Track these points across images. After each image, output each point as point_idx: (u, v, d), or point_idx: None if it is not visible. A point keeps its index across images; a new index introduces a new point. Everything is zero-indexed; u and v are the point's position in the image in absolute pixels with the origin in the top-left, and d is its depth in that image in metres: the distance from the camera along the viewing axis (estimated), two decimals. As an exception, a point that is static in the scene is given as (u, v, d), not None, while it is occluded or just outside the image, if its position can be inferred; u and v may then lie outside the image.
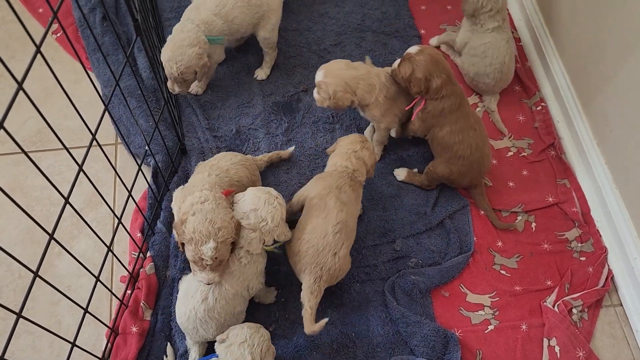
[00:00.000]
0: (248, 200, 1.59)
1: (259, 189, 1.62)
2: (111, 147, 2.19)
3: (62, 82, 2.34)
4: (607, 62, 1.95)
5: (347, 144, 1.82)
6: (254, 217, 1.57)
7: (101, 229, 2.01)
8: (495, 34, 2.16)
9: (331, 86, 1.87)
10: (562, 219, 2.07)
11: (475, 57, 2.21)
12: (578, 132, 2.14)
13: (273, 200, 1.60)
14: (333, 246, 1.63)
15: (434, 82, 1.82)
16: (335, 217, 1.65)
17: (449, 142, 1.92)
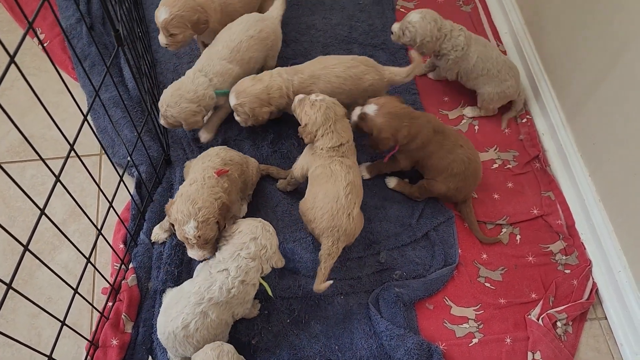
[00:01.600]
0: (245, 231, 1.59)
1: (251, 220, 1.63)
2: (96, 158, 2.17)
3: (48, 91, 2.35)
4: (591, 76, 1.97)
5: (324, 124, 1.79)
6: (255, 245, 1.57)
7: (84, 239, 2.00)
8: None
9: (246, 105, 1.90)
10: (546, 231, 2.07)
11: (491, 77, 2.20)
12: (562, 145, 2.14)
13: (268, 227, 1.62)
14: (346, 207, 1.73)
15: (400, 134, 1.85)
16: (344, 179, 1.74)
17: (441, 165, 1.93)
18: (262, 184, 2.09)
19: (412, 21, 2.10)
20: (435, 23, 2.11)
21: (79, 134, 1.43)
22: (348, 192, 1.74)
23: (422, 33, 2.10)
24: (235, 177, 1.82)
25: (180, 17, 1.97)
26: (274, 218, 2.03)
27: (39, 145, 2.18)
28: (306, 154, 1.90)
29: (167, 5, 1.98)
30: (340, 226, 1.73)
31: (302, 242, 1.98)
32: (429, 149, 1.92)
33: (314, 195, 1.79)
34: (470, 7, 2.66)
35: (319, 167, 1.82)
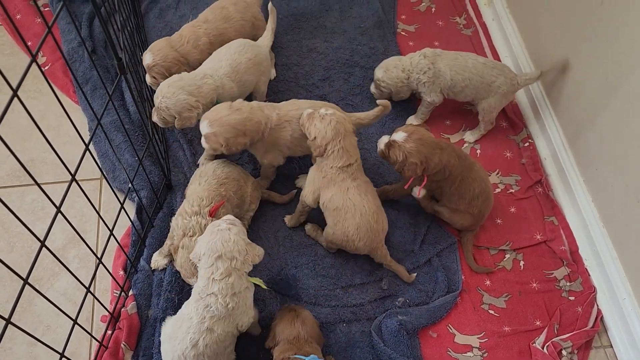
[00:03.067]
0: (207, 252, 1.49)
1: (206, 233, 1.54)
2: (96, 182, 2.16)
3: (49, 115, 2.34)
4: (591, 102, 1.97)
5: (334, 140, 1.77)
6: (222, 263, 1.49)
7: (83, 265, 1.98)
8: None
9: (221, 136, 1.80)
10: (550, 257, 2.05)
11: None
12: (565, 170, 2.14)
13: (227, 235, 1.50)
14: (379, 227, 1.83)
15: (432, 162, 1.81)
16: (368, 209, 1.80)
17: (463, 188, 1.92)
18: (262, 208, 2.07)
19: (380, 78, 2.23)
20: (396, 68, 2.18)
21: (81, 163, 1.41)
22: (376, 218, 1.82)
23: (392, 83, 2.20)
24: (230, 195, 1.83)
25: (161, 66, 2.05)
26: (275, 244, 2.01)
27: (39, 169, 2.18)
28: (315, 178, 1.86)
29: (152, 52, 2.05)
30: (380, 240, 1.88)
31: (303, 268, 1.96)
32: (452, 177, 1.90)
33: (343, 230, 1.82)
34: (470, 30, 2.67)
35: (335, 197, 1.81)
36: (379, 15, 2.68)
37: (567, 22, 2.08)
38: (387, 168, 2.21)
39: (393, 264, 1.92)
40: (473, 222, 1.99)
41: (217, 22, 2.19)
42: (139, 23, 2.43)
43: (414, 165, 1.81)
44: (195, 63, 2.12)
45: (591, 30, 1.93)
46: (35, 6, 2.60)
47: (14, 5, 2.59)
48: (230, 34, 2.21)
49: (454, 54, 2.18)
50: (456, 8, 2.75)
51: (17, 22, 2.54)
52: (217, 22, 2.19)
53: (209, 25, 2.17)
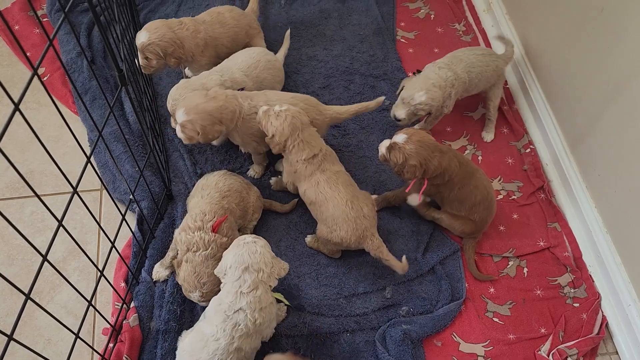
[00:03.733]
0: (234, 264, 1.51)
1: (234, 247, 1.55)
2: (96, 193, 2.15)
3: (48, 125, 2.33)
4: (592, 108, 1.97)
5: (292, 135, 1.80)
6: (250, 275, 1.50)
7: (84, 277, 1.96)
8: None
9: (197, 122, 1.80)
10: (554, 263, 2.04)
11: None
12: (567, 175, 2.13)
13: (253, 245, 1.53)
14: (358, 214, 1.79)
15: (431, 164, 1.80)
16: (340, 199, 1.79)
17: (464, 195, 1.91)
18: (264, 218, 2.06)
19: (423, 102, 2.06)
20: (435, 86, 2.07)
21: (82, 176, 1.40)
22: (351, 206, 1.79)
23: (436, 104, 2.07)
24: (232, 207, 1.82)
25: (156, 45, 2.02)
26: (277, 253, 1.99)
27: (39, 180, 2.16)
28: (288, 171, 1.92)
29: (148, 30, 2.03)
30: (366, 227, 1.81)
31: (306, 277, 1.95)
32: (452, 182, 1.90)
33: (324, 222, 1.85)
34: (470, 37, 2.67)
35: (308, 191, 1.86)
36: (379, 22, 2.68)
37: (567, 28, 2.08)
38: (389, 176, 2.20)
39: (390, 258, 1.83)
40: (474, 228, 1.98)
41: (213, 25, 2.20)
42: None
43: (413, 168, 1.80)
44: (189, 53, 2.11)
45: (592, 37, 1.93)
46: (33, 16, 2.59)
47: (12, 16, 2.59)
48: (224, 39, 2.23)
49: (456, 54, 2.20)
50: (455, 15, 2.75)
51: (15, 32, 2.53)
52: (213, 24, 2.20)
53: (206, 27, 2.18)
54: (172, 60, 2.07)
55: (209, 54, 2.20)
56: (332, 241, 1.86)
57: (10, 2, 2.63)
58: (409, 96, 2.08)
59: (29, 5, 1.02)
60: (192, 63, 2.19)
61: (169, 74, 2.44)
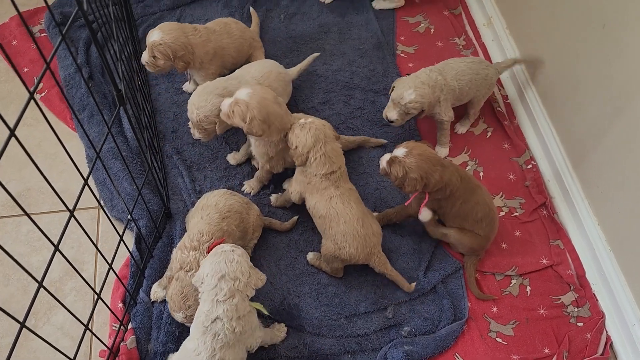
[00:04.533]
0: (210, 273, 1.48)
1: (210, 255, 1.53)
2: (94, 211, 2.12)
3: (46, 142, 2.31)
4: (594, 124, 1.95)
5: (314, 147, 1.79)
6: (226, 284, 1.47)
7: (81, 298, 1.93)
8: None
9: (253, 111, 1.78)
10: (557, 282, 2.02)
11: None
12: (569, 192, 2.11)
13: (231, 256, 1.50)
14: (367, 231, 1.81)
15: (432, 178, 1.78)
16: (352, 216, 1.79)
17: (466, 210, 1.90)
18: (264, 236, 2.03)
19: (413, 100, 2.04)
20: (423, 84, 2.07)
21: (79, 198, 1.37)
22: (362, 223, 1.80)
23: (426, 101, 2.06)
24: (232, 229, 1.79)
25: (168, 47, 2.03)
26: (277, 272, 1.98)
27: (36, 198, 2.14)
28: (300, 181, 1.89)
29: (162, 30, 2.05)
30: (374, 244, 1.84)
31: (306, 297, 1.92)
32: (454, 197, 1.88)
33: (332, 238, 1.83)
34: (470, 51, 2.66)
35: (319, 204, 1.84)
36: (378, 37, 2.67)
37: (568, 43, 2.07)
38: (390, 193, 2.18)
39: (394, 273, 1.88)
40: (479, 245, 1.96)
41: (222, 35, 2.23)
42: (137, 48, 2.41)
43: (414, 181, 1.79)
44: (198, 59, 2.14)
45: (594, 53, 1.91)
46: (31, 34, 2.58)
47: (9, 31, 2.57)
48: (230, 49, 2.25)
49: (445, 64, 2.20)
50: (455, 29, 2.74)
51: (13, 48, 2.52)
52: (222, 34, 2.23)
53: (216, 37, 2.20)
54: (181, 64, 2.09)
55: (217, 64, 2.23)
56: (340, 257, 1.84)
57: (7, 17, 2.61)
58: (399, 96, 2.07)
59: (24, 23, 1.00)
60: (199, 70, 2.20)
61: (168, 90, 2.42)
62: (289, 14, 2.74)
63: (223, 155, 2.23)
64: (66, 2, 2.65)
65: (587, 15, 1.92)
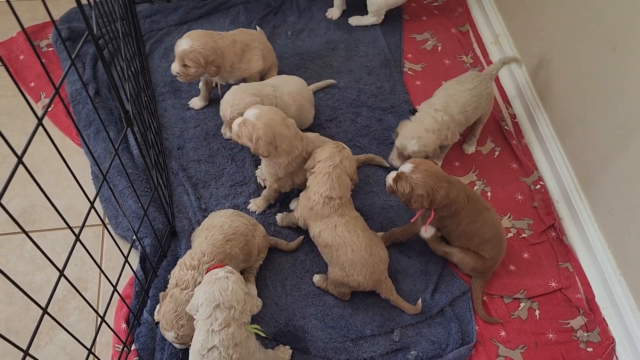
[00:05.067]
0: (204, 302, 1.45)
1: (204, 282, 1.50)
2: (98, 228, 2.10)
3: (51, 158, 2.30)
4: (605, 147, 1.93)
5: (325, 161, 1.82)
6: (221, 313, 1.44)
7: (84, 317, 1.91)
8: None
9: (259, 131, 1.80)
10: (566, 306, 1.99)
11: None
12: (578, 214, 2.09)
13: (225, 284, 1.46)
14: (375, 258, 1.80)
15: (438, 194, 1.77)
16: (359, 244, 1.78)
17: (472, 231, 1.88)
18: (270, 256, 2.01)
19: (416, 151, 2.05)
20: (427, 132, 2.04)
21: (85, 223, 1.36)
22: (369, 251, 1.79)
23: (430, 149, 2.06)
24: (235, 252, 1.76)
25: (199, 53, 2.05)
26: (283, 293, 1.95)
27: (40, 215, 2.13)
28: (303, 206, 1.88)
29: (191, 38, 2.07)
30: (381, 271, 1.84)
31: (312, 318, 1.90)
32: (459, 217, 1.87)
33: (340, 265, 1.82)
34: (477, 69, 2.65)
35: (324, 233, 1.82)
36: (385, 54, 2.66)
37: (578, 65, 2.06)
38: (396, 212, 2.16)
39: (399, 300, 1.88)
40: (486, 266, 1.93)
41: (246, 41, 2.26)
42: (143, 64, 2.41)
43: (420, 197, 1.78)
44: (229, 62, 2.17)
45: (604, 76, 1.90)
46: (39, 46, 2.58)
47: (17, 45, 2.57)
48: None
49: (448, 96, 2.14)
50: (463, 47, 2.73)
51: (20, 62, 2.51)
52: (243, 42, 2.24)
53: (238, 45, 2.22)
54: (212, 69, 2.11)
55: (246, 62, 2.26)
56: (348, 284, 1.83)
57: (15, 32, 2.62)
58: (402, 146, 2.08)
59: (28, 40, 0.99)
60: (230, 72, 2.22)
61: (174, 106, 2.42)
62: (296, 30, 2.74)
63: (229, 172, 2.22)
64: (74, 17, 2.66)
65: (598, 37, 1.91)
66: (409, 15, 2.87)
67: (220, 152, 2.28)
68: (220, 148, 2.29)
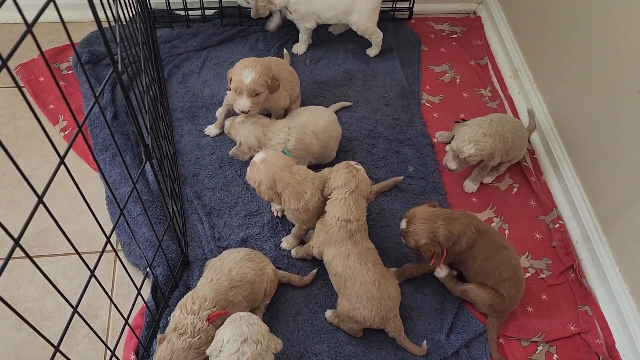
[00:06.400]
0: (232, 337, 1.45)
1: (228, 322, 1.50)
2: (110, 254, 2.09)
3: (67, 181, 2.29)
4: (628, 187, 1.90)
5: (341, 188, 1.81)
6: (249, 347, 1.45)
7: (93, 346, 1.88)
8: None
9: (260, 175, 1.83)
10: (585, 351, 1.94)
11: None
12: (599, 256, 2.05)
13: (250, 319, 1.49)
14: (383, 295, 1.77)
15: (440, 234, 1.79)
16: (368, 277, 1.76)
17: (488, 268, 1.86)
18: (282, 288, 1.99)
19: (472, 154, 2.07)
20: (485, 136, 2.06)
21: (101, 258, 1.34)
22: (378, 286, 1.77)
23: (487, 153, 2.09)
24: (239, 300, 1.72)
25: (264, 75, 2.07)
26: (295, 328, 1.92)
27: (54, 239, 2.12)
28: (319, 230, 1.87)
29: (250, 67, 2.06)
30: (390, 308, 1.80)
31: (324, 356, 1.86)
32: (474, 250, 1.85)
33: (347, 297, 1.81)
34: (496, 103, 2.63)
35: (335, 260, 1.81)
36: (403, 85, 2.66)
37: (599, 106, 2.03)
38: (412, 248, 2.13)
39: (405, 341, 1.85)
40: (504, 304, 1.89)
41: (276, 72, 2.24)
42: (162, 89, 2.42)
43: (426, 246, 1.81)
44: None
45: (627, 118, 1.87)
46: (58, 68, 2.60)
47: (37, 67, 2.59)
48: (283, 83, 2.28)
49: (500, 116, 2.23)
50: (481, 80, 2.72)
51: (40, 84, 2.53)
52: (275, 72, 2.22)
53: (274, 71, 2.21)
54: (276, 82, 2.14)
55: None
56: (354, 319, 1.80)
57: (37, 53, 2.64)
58: (458, 149, 2.08)
59: (46, 63, 0.98)
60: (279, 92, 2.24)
61: (191, 132, 2.41)
62: (314, 59, 2.74)
63: (243, 202, 2.20)
64: (95, 41, 2.68)
65: (621, 79, 1.89)
66: (428, 47, 2.87)
67: (235, 180, 2.27)
68: (236, 176, 2.28)
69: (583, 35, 2.13)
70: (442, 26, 2.97)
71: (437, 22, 2.99)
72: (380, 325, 1.82)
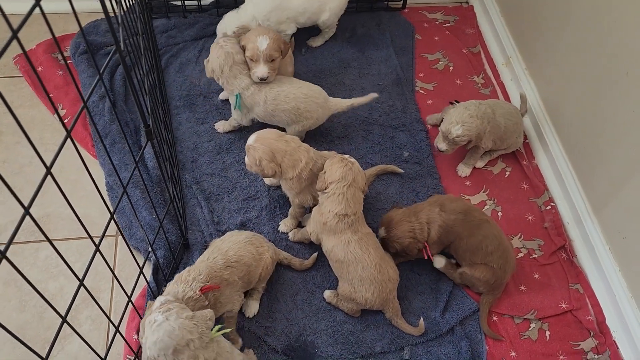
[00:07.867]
0: (158, 353, 1.37)
1: (147, 332, 1.40)
2: (112, 239, 2.13)
3: (67, 168, 2.32)
4: (618, 168, 1.95)
5: (338, 182, 1.81)
6: (182, 354, 1.37)
7: (96, 327, 1.92)
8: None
9: (258, 152, 1.86)
10: (576, 327, 1.99)
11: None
12: (589, 236, 2.10)
13: (169, 326, 1.37)
14: (384, 277, 1.82)
15: (417, 230, 1.89)
16: (370, 262, 1.80)
17: (474, 243, 1.91)
18: (281, 270, 2.03)
19: (460, 135, 2.13)
20: (472, 117, 2.13)
21: (105, 234, 1.38)
22: (379, 269, 1.81)
23: (474, 133, 2.15)
24: (234, 279, 1.75)
25: (277, 40, 2.16)
26: (294, 307, 1.96)
27: (55, 224, 2.15)
28: (316, 221, 1.89)
29: (264, 34, 2.14)
30: (390, 290, 1.85)
31: (322, 334, 1.90)
32: (455, 231, 1.90)
33: (349, 281, 1.85)
34: (489, 89, 2.68)
35: (336, 248, 1.83)
36: (398, 72, 2.70)
37: (590, 89, 2.08)
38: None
39: (401, 322, 1.90)
40: (495, 275, 1.93)
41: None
42: (160, 77, 2.45)
43: (410, 246, 1.90)
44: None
45: (617, 100, 1.92)
46: (57, 58, 2.62)
47: (36, 57, 2.62)
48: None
49: (495, 103, 2.29)
50: (474, 67, 2.77)
51: (39, 74, 2.54)
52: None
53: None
54: (287, 48, 2.23)
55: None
56: (356, 301, 1.85)
57: (34, 44, 2.67)
58: (447, 130, 2.15)
59: (57, 47, 1.02)
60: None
61: (189, 120, 2.45)
62: (310, 48, 2.78)
63: (241, 186, 2.24)
64: (92, 31, 2.71)
65: (611, 61, 1.94)
66: (421, 35, 2.91)
67: (234, 166, 2.30)
68: (234, 162, 2.31)
69: (573, 21, 2.18)
70: (435, 15, 3.02)
71: (430, 12, 3.03)
72: (380, 307, 1.88)
